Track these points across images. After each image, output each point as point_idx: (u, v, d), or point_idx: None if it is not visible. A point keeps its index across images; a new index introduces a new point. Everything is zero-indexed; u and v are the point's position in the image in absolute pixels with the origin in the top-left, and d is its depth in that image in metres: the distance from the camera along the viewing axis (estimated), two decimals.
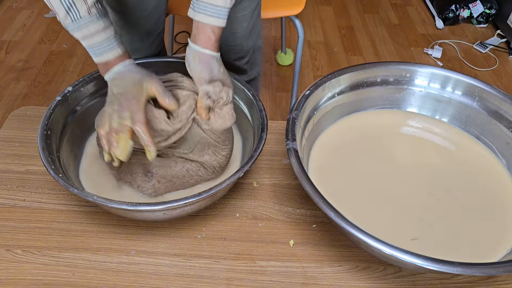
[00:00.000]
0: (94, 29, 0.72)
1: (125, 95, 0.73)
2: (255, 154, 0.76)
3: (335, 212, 0.65)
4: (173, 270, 0.75)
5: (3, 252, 0.77)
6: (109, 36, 0.74)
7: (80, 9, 0.70)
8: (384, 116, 0.96)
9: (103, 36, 0.73)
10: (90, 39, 0.73)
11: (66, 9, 0.70)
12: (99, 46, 0.74)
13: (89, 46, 0.74)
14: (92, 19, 0.71)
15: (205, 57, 0.75)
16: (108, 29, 0.74)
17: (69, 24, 0.71)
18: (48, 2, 0.70)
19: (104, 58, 0.75)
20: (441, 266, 0.60)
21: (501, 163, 0.88)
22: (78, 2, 0.69)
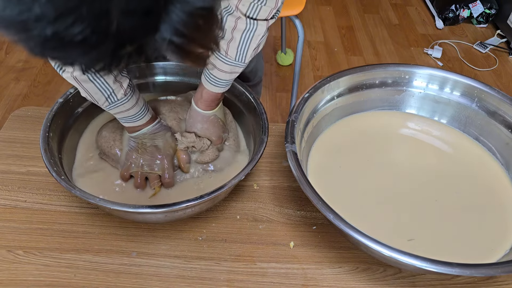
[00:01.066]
0: (129, 106, 0.79)
1: (160, 151, 0.82)
2: (256, 157, 0.76)
3: (334, 214, 0.65)
4: (174, 271, 0.76)
5: (5, 253, 0.77)
6: (141, 107, 0.81)
7: (118, 94, 0.76)
8: (383, 118, 0.96)
9: (137, 109, 0.80)
10: (126, 113, 0.80)
11: (106, 97, 0.76)
12: (134, 117, 0.80)
13: (124, 117, 0.81)
14: (128, 98, 0.78)
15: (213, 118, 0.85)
16: (139, 101, 0.80)
17: (107, 106, 0.78)
18: (90, 96, 0.76)
19: (136, 124, 0.82)
20: (439, 267, 0.61)
21: (500, 164, 0.88)
22: (117, 88, 0.75)
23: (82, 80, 0.73)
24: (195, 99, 0.83)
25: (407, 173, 0.87)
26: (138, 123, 0.81)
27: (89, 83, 0.73)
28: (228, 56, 0.75)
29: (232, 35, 0.73)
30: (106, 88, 0.75)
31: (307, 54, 2.20)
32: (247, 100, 0.90)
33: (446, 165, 0.89)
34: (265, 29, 0.72)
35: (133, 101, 0.79)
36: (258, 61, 1.23)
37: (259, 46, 0.76)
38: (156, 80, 0.99)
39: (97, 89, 0.74)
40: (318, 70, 2.10)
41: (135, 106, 0.79)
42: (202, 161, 0.86)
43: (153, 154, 0.82)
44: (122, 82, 0.76)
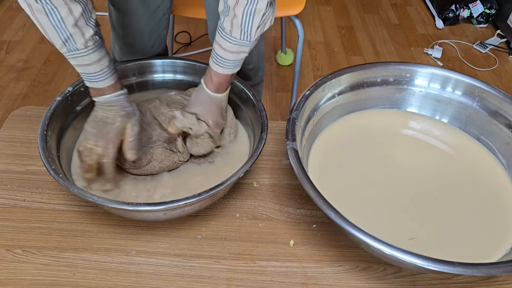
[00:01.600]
0: (90, 60, 0.74)
1: (108, 125, 0.78)
2: (255, 154, 0.76)
3: (335, 212, 0.65)
4: (173, 270, 0.75)
5: (3, 252, 0.77)
6: (103, 67, 0.76)
7: (77, 42, 0.72)
8: (384, 116, 0.96)
9: (98, 67, 0.75)
10: (85, 68, 0.75)
11: (63, 41, 0.71)
12: (93, 75, 0.76)
13: (83, 73, 0.77)
14: (88, 51, 0.73)
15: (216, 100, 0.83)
16: (103, 59, 0.76)
17: (65, 52, 0.73)
18: (44, 32, 0.71)
19: (96, 85, 0.77)
20: (441, 266, 0.60)
21: (501, 163, 0.88)
22: (76, 35, 0.71)
23: (36, 9, 0.67)
24: (205, 81, 0.81)
25: (408, 171, 0.87)
26: (99, 84, 0.77)
27: (43, 15, 0.68)
28: (233, 35, 0.74)
29: (234, 12, 0.71)
30: (62, 29, 0.70)
31: (307, 54, 2.20)
32: (246, 98, 0.90)
33: (447, 164, 0.89)
34: (266, 3, 0.71)
35: (94, 56, 0.74)
36: (259, 59, 1.22)
37: (265, 24, 0.75)
38: (155, 78, 0.99)
39: (53, 28, 0.69)
40: (318, 70, 2.10)
41: (96, 63, 0.75)
42: (196, 152, 0.85)
43: (99, 128, 0.78)
44: (84, 31, 0.71)
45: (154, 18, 1.04)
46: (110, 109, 0.79)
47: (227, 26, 0.73)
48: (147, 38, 1.06)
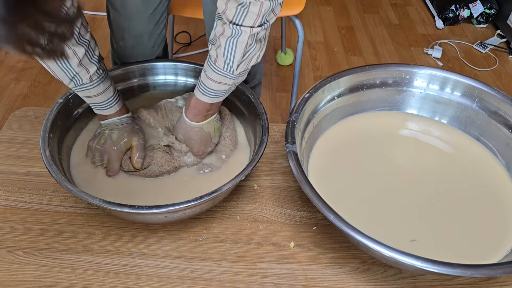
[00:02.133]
0: (96, 92, 0.81)
1: (113, 143, 0.85)
2: (256, 157, 0.76)
3: (334, 214, 0.65)
4: (174, 272, 0.75)
5: (5, 254, 0.77)
6: (108, 97, 0.83)
7: (83, 78, 0.78)
8: (384, 118, 0.96)
9: (103, 98, 0.82)
10: (92, 99, 0.82)
11: (70, 79, 0.78)
12: (99, 105, 0.83)
13: (91, 103, 0.84)
14: (93, 84, 0.80)
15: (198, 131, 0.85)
16: (108, 90, 0.82)
17: (73, 87, 0.80)
18: (53, 73, 0.77)
19: (103, 113, 0.85)
20: (440, 268, 0.61)
21: (501, 164, 0.88)
22: (81, 72, 0.77)
23: None
24: (185, 107, 0.84)
25: (408, 173, 0.87)
26: (105, 112, 0.84)
27: (51, 61, 0.74)
28: (216, 64, 0.75)
29: (219, 41, 0.73)
30: (69, 69, 0.76)
31: (307, 54, 2.20)
32: (247, 101, 0.90)
33: (447, 165, 0.89)
34: (248, 36, 0.71)
35: (99, 89, 0.80)
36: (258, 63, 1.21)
37: (250, 60, 0.75)
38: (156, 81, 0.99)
39: (60, 69, 0.75)
40: (318, 70, 2.10)
41: (102, 94, 0.81)
42: (181, 164, 0.87)
43: (104, 145, 0.85)
44: (88, 68, 0.77)
45: (153, 18, 1.04)
46: (116, 128, 0.86)
47: (213, 54, 0.75)
48: (147, 39, 1.06)
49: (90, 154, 0.87)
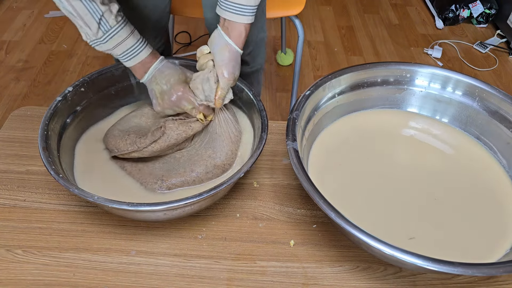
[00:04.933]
0: (125, 34, 0.79)
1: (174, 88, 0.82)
2: (255, 154, 0.76)
3: (335, 212, 0.65)
4: (173, 270, 0.75)
5: (4, 252, 0.77)
6: (138, 38, 0.81)
7: (109, 20, 0.76)
8: (385, 116, 0.96)
9: (134, 39, 0.80)
10: (123, 45, 0.79)
11: (98, 21, 0.76)
12: (132, 49, 0.80)
13: (123, 52, 0.80)
14: (121, 26, 0.78)
15: (234, 52, 0.80)
16: (135, 32, 0.81)
17: (101, 37, 0.77)
18: (81, 20, 0.75)
19: (139, 58, 0.82)
20: (441, 267, 0.60)
21: (501, 164, 0.88)
22: (106, 12, 0.76)
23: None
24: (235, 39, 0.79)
25: (408, 171, 0.87)
26: (141, 56, 0.82)
27: (76, 0, 0.73)
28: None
29: None
30: (95, 9, 0.74)
31: (307, 54, 2.19)
32: (246, 97, 0.89)
33: (447, 164, 0.89)
34: None
35: (127, 30, 0.79)
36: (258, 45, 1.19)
37: None
38: None
39: (87, 10, 0.74)
40: (318, 70, 2.10)
41: (131, 36, 0.79)
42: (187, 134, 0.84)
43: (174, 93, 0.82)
44: (111, 8, 0.76)
45: (157, 9, 1.04)
46: (169, 77, 0.82)
47: None
48: (151, 31, 1.06)
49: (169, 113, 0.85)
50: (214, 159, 0.83)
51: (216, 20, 1.06)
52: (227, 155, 0.84)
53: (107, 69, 0.93)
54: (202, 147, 0.86)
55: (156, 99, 0.84)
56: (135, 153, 0.83)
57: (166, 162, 0.86)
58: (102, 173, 0.85)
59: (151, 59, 0.83)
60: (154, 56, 0.83)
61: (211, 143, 0.85)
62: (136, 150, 0.83)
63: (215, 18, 1.06)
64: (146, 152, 0.83)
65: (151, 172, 0.84)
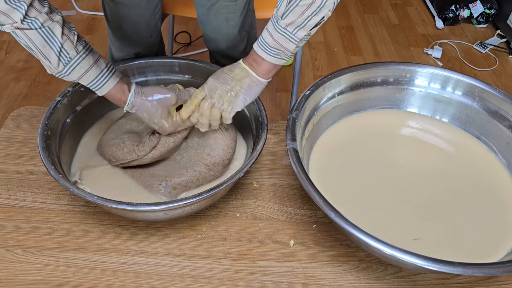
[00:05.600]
0: (88, 64, 0.73)
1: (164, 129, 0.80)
2: (255, 154, 0.76)
3: (335, 212, 0.65)
4: (173, 270, 0.75)
5: (3, 252, 0.77)
6: (102, 68, 0.75)
7: (69, 51, 0.71)
8: (384, 117, 0.96)
9: (97, 70, 0.75)
10: (88, 76, 0.74)
11: (58, 55, 0.71)
12: (100, 78, 0.75)
13: (90, 82, 0.75)
14: (82, 55, 0.73)
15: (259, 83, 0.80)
16: (100, 61, 0.75)
17: (62, 69, 0.73)
18: (39, 53, 0.72)
19: (111, 86, 0.76)
20: (441, 266, 0.60)
21: (502, 163, 0.88)
22: (66, 43, 0.71)
23: (25, 28, 0.68)
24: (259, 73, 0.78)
25: (408, 171, 0.86)
26: (108, 85, 0.76)
27: (32, 31, 0.68)
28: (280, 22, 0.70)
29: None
30: (54, 41, 0.70)
31: (307, 54, 2.19)
32: None
33: (448, 163, 0.89)
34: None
35: (90, 59, 0.74)
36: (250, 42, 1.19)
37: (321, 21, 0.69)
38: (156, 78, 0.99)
39: (45, 42, 0.70)
40: (318, 70, 2.10)
41: (95, 66, 0.74)
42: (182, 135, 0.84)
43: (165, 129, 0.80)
44: (71, 37, 0.71)
45: (149, 7, 1.05)
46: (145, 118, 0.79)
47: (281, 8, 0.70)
48: (144, 28, 1.07)
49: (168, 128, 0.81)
50: (213, 156, 0.83)
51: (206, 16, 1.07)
52: (224, 150, 0.84)
53: None
54: (200, 146, 0.86)
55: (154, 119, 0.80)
56: (135, 161, 0.83)
57: (166, 165, 0.85)
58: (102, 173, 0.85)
59: (121, 92, 0.77)
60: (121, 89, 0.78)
61: (206, 141, 0.85)
62: (136, 159, 0.82)
63: (206, 14, 1.06)
64: (146, 159, 0.82)
65: (153, 175, 0.83)
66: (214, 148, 0.84)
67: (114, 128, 0.89)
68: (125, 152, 0.82)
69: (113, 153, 0.84)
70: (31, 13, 0.66)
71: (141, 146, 0.82)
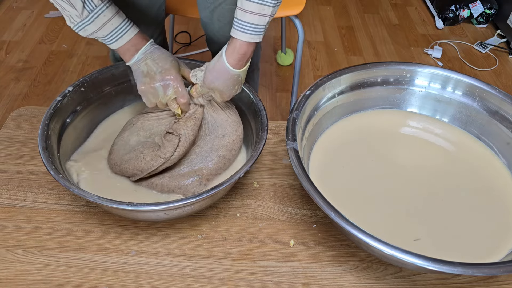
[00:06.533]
0: (110, 14, 0.75)
1: (166, 72, 0.81)
2: (255, 154, 0.76)
3: (335, 212, 0.65)
4: (173, 270, 0.75)
5: (4, 252, 0.77)
6: (124, 18, 0.78)
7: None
8: (385, 116, 0.96)
9: (120, 19, 0.77)
10: (109, 24, 0.76)
11: (83, 1, 0.72)
12: (119, 29, 0.77)
13: (109, 33, 0.77)
14: (105, 5, 0.75)
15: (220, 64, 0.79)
16: (120, 12, 0.78)
17: (86, 17, 0.74)
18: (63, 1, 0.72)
19: (126, 38, 0.78)
20: (441, 266, 0.60)
21: (502, 163, 0.88)
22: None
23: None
24: (227, 54, 0.78)
25: (409, 171, 0.87)
26: (128, 35, 0.78)
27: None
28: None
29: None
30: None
31: (307, 54, 2.19)
32: (246, 97, 0.89)
33: (449, 163, 0.89)
34: None
35: (113, 9, 0.76)
36: None
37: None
38: None
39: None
40: (318, 70, 2.10)
41: (117, 16, 0.76)
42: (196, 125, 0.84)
43: (163, 77, 0.81)
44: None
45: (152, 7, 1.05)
46: (160, 59, 0.81)
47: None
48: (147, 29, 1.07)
49: (150, 98, 0.82)
50: (228, 136, 0.86)
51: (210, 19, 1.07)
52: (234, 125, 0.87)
53: (107, 69, 0.93)
54: (212, 131, 0.87)
55: (142, 78, 0.81)
56: (163, 165, 0.81)
57: (191, 161, 0.85)
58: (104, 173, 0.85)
59: (140, 41, 0.80)
60: (143, 38, 0.81)
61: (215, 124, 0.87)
62: (164, 163, 0.81)
63: (209, 17, 1.06)
64: (174, 159, 0.81)
65: (183, 174, 0.83)
66: (225, 127, 0.86)
67: (120, 144, 0.87)
68: (149, 160, 0.81)
69: (135, 166, 0.82)
70: None
71: (162, 148, 0.81)
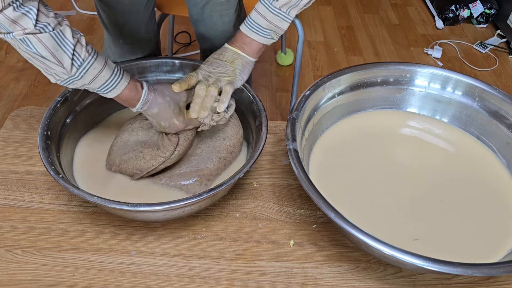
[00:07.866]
0: (100, 65, 0.72)
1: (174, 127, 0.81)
2: (255, 154, 0.76)
3: (335, 212, 0.65)
4: (173, 270, 0.75)
5: (3, 253, 0.77)
6: (113, 67, 0.74)
7: (81, 53, 0.70)
8: (384, 117, 0.96)
9: (110, 70, 0.73)
10: (101, 77, 0.73)
11: (71, 57, 0.69)
12: (114, 78, 0.74)
13: (104, 84, 0.74)
14: (93, 56, 0.71)
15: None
16: (108, 62, 0.74)
17: (75, 73, 0.70)
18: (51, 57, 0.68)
19: (119, 89, 0.75)
20: (441, 267, 0.60)
21: (502, 163, 0.88)
22: (77, 46, 0.70)
23: (38, 33, 0.65)
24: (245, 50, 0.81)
25: (409, 171, 0.87)
26: (121, 86, 0.75)
27: (46, 34, 0.65)
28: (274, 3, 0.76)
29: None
30: (66, 44, 0.68)
31: (307, 54, 2.20)
32: (246, 97, 0.89)
33: (448, 164, 0.89)
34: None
35: (101, 60, 0.72)
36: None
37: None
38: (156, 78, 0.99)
39: (58, 45, 0.67)
40: (318, 70, 2.10)
41: (107, 66, 0.73)
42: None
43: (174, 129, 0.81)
44: (80, 39, 0.70)
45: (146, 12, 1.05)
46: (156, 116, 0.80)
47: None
48: (144, 33, 1.07)
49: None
50: (229, 139, 0.87)
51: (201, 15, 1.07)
52: (235, 129, 0.88)
53: None
54: (213, 134, 0.88)
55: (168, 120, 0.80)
56: (163, 164, 0.82)
57: (191, 161, 0.85)
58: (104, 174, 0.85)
59: (135, 90, 0.77)
60: (135, 87, 0.77)
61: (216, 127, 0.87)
62: (163, 162, 0.81)
63: (200, 13, 1.06)
64: (174, 158, 0.82)
65: (183, 174, 0.83)
66: (226, 130, 0.87)
67: (119, 145, 0.86)
68: (148, 159, 0.81)
69: (135, 165, 0.82)
70: (40, 18, 0.65)
71: (162, 148, 0.81)
